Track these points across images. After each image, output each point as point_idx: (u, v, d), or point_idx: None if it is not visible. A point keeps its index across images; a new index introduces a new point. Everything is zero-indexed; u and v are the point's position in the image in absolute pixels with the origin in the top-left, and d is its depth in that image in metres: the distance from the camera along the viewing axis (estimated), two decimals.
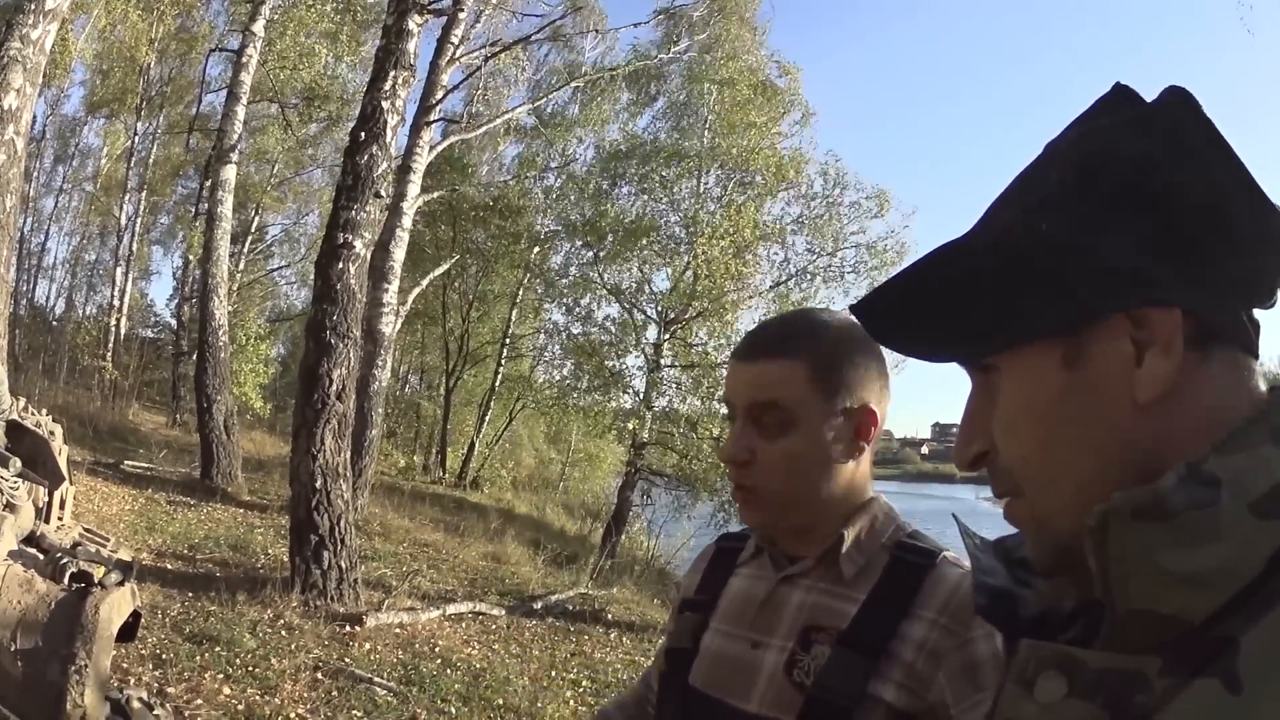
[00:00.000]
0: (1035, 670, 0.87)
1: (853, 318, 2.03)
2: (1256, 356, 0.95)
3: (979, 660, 1.65)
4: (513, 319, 33.39)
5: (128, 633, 5.68)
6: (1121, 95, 0.97)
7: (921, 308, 1.06)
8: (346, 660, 8.47)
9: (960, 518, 1.20)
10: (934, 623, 1.70)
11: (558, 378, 30.54)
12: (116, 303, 32.91)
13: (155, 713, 6.28)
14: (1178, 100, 0.92)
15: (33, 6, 8.41)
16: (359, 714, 7.57)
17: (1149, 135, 0.92)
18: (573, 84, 26.10)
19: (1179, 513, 0.80)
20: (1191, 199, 0.90)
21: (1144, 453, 0.91)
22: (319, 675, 8.06)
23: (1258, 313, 0.96)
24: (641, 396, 25.27)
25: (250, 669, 7.83)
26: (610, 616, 12.50)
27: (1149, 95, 0.95)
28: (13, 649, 4.66)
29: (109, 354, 29.37)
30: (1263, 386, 0.94)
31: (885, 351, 1.83)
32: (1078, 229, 0.93)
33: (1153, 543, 0.81)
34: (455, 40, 19.46)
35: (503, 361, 33.44)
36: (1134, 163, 0.92)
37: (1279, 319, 1.03)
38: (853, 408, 1.87)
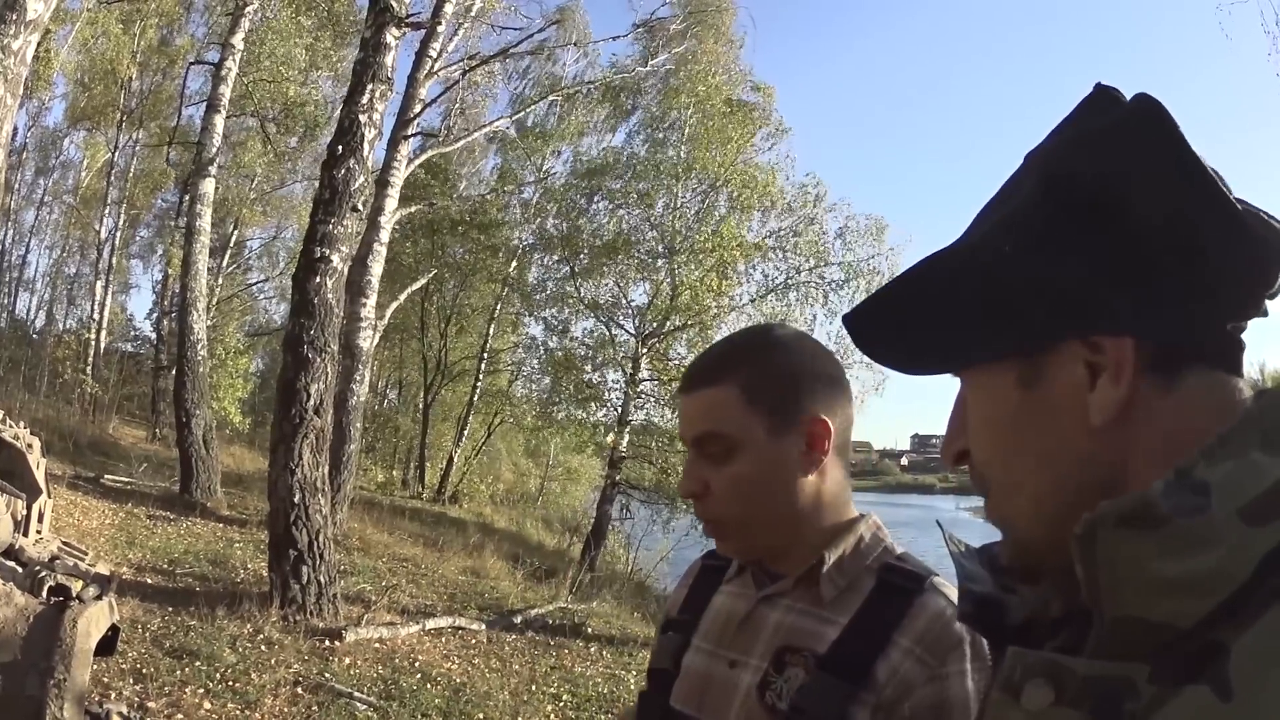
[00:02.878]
0: (1022, 678, 0.86)
1: (801, 331, 2.03)
2: (1239, 374, 0.95)
3: (950, 701, 1.63)
4: (491, 333, 33.30)
5: (107, 647, 5.66)
6: (1102, 97, 0.98)
7: (899, 321, 1.09)
8: (326, 675, 8.44)
9: (945, 525, 1.21)
10: (909, 651, 1.67)
11: (535, 392, 30.51)
12: (96, 316, 32.77)
13: None
14: (1144, 111, 0.93)
15: (14, 16, 8.36)
16: None
17: (1112, 151, 0.93)
18: (550, 97, 26.08)
19: (1168, 520, 0.80)
20: (1152, 219, 0.91)
21: (1103, 471, 0.92)
22: (299, 690, 8.02)
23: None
24: (619, 410, 25.27)
25: (230, 683, 7.80)
26: (590, 630, 12.46)
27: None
28: None
29: (89, 368, 29.21)
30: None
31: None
32: (1037, 251, 0.96)
33: (1142, 549, 0.81)
34: (433, 54, 19.37)
35: (481, 376, 33.31)
36: (1095, 181, 0.93)
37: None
38: (799, 420, 1.84)
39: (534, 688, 9.54)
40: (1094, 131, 0.96)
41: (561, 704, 9.23)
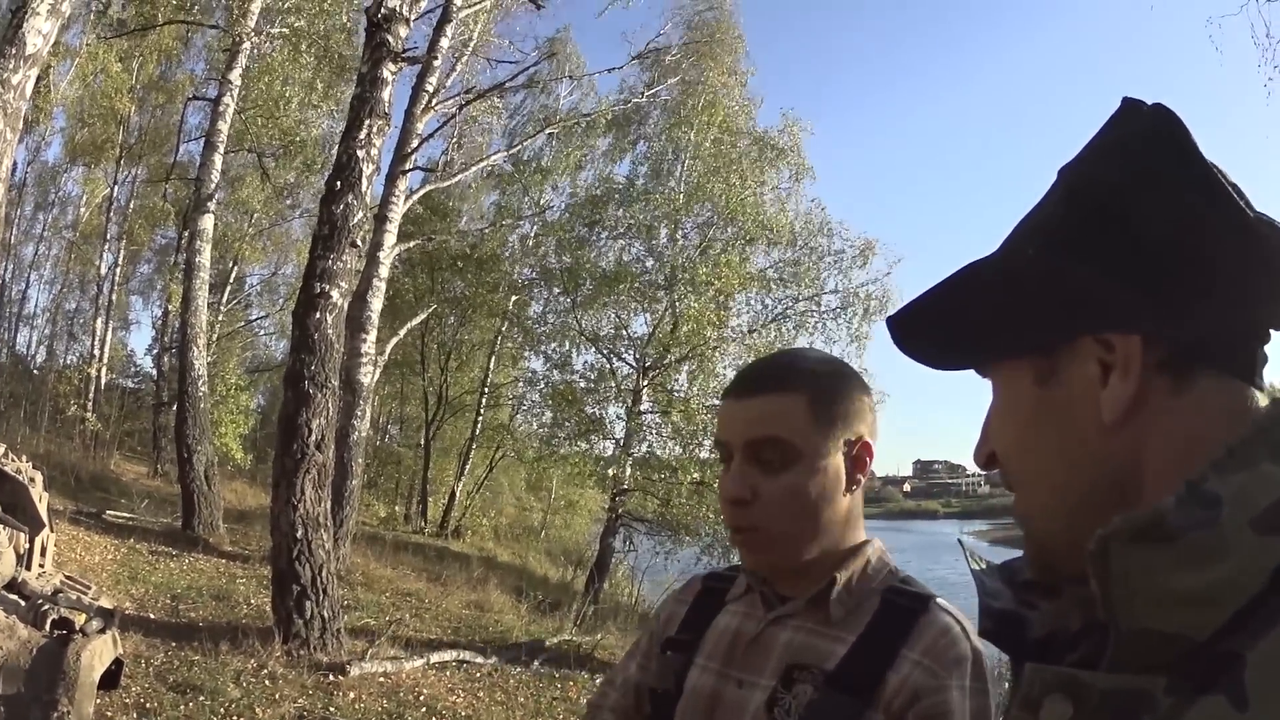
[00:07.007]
0: (1041, 693, 0.87)
1: (835, 356, 2.08)
2: (1258, 387, 0.95)
3: (946, 712, 1.66)
4: (491, 368, 33.36)
5: (110, 680, 5.66)
6: (1129, 110, 1.00)
7: (937, 319, 1.13)
8: (331, 709, 8.41)
9: (965, 544, 1.22)
10: (917, 663, 1.70)
11: (537, 426, 30.45)
12: (97, 352, 32.74)
13: None
14: (1158, 123, 0.95)
15: (13, 51, 8.41)
16: None
17: (1127, 160, 0.95)
18: (548, 130, 26.11)
19: (1180, 533, 0.81)
20: (1163, 224, 0.92)
21: (1119, 468, 0.94)
22: None
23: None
24: (621, 443, 25.24)
25: (234, 718, 7.77)
26: (595, 662, 12.43)
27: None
28: None
29: (90, 403, 29.20)
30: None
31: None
32: (1055, 254, 0.98)
33: (1155, 564, 0.81)
34: (430, 88, 19.41)
35: (482, 410, 33.39)
36: (1107, 189, 0.96)
37: None
38: (850, 440, 1.89)
39: (539, 719, 9.50)
40: (1111, 142, 0.99)
41: None
